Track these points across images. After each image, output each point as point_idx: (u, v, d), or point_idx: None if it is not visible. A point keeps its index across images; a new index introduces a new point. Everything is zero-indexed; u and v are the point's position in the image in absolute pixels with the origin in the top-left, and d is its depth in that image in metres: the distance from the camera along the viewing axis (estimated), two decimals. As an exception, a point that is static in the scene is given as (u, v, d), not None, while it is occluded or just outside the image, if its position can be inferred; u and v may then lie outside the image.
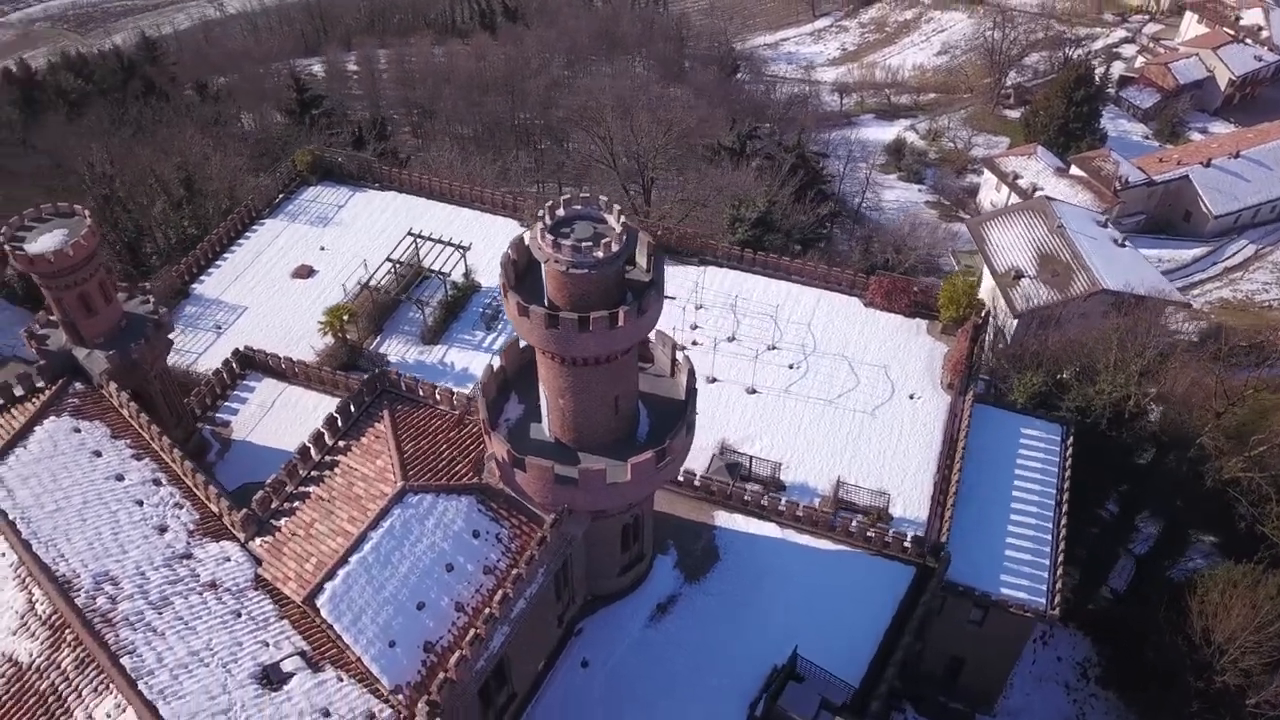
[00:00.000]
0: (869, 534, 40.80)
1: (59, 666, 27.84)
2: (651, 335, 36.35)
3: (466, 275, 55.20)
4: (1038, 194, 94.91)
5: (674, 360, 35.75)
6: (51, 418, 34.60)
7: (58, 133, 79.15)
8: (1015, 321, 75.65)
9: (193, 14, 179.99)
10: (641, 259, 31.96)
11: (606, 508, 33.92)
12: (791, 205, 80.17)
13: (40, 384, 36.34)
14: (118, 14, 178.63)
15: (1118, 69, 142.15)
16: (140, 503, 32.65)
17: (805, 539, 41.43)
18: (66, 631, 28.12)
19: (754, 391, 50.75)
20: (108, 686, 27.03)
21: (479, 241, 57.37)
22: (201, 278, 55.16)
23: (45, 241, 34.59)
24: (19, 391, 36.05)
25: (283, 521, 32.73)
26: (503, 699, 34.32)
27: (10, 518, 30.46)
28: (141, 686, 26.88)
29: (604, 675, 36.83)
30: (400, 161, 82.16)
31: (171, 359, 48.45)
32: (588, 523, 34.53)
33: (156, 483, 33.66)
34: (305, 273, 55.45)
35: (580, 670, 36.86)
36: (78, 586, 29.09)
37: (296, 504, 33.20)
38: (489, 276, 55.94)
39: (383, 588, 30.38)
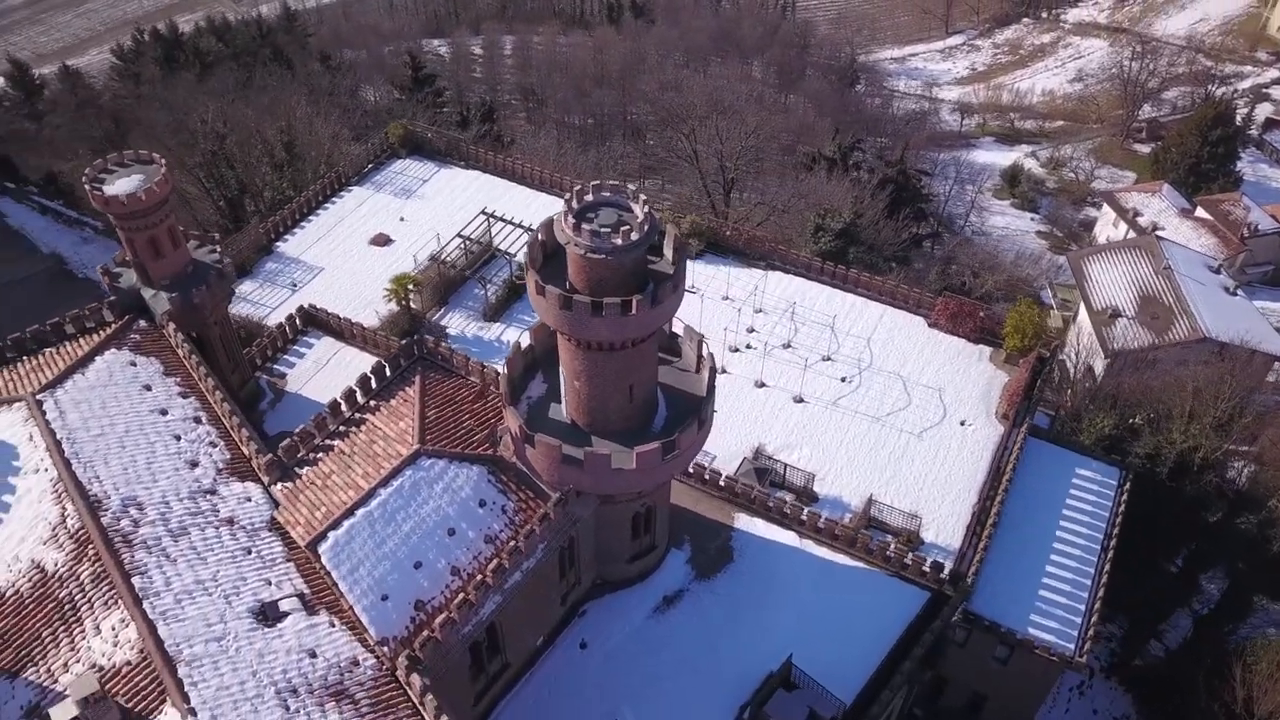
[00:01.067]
0: (889, 554, 40.17)
1: (77, 578, 29.86)
2: (679, 329, 36.72)
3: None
4: (1156, 233, 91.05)
5: (699, 356, 35.92)
6: (112, 350, 36.98)
7: (187, 91, 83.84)
8: (1106, 361, 73.02)
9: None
10: (668, 252, 32.28)
11: (611, 493, 34.40)
12: (883, 220, 79.12)
13: (109, 319, 38.79)
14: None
15: (1264, 111, 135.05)
16: (178, 437, 34.64)
17: (823, 551, 41.08)
18: (89, 547, 30.12)
19: (801, 400, 50.43)
20: (116, 602, 28.87)
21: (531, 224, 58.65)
22: (286, 236, 57.77)
23: (121, 185, 36.97)
24: (90, 324, 38.58)
25: (305, 470, 34.27)
26: (495, 667, 35.14)
27: (57, 437, 32.72)
28: (146, 606, 28.62)
29: (600, 659, 37.32)
30: (503, 145, 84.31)
31: (245, 310, 51.32)
32: (594, 505, 35.06)
33: (197, 420, 35.65)
34: (382, 241, 57.47)
35: (578, 651, 37.43)
36: (106, 507, 31.10)
37: (320, 455, 34.70)
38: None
39: (383, 543, 31.54)
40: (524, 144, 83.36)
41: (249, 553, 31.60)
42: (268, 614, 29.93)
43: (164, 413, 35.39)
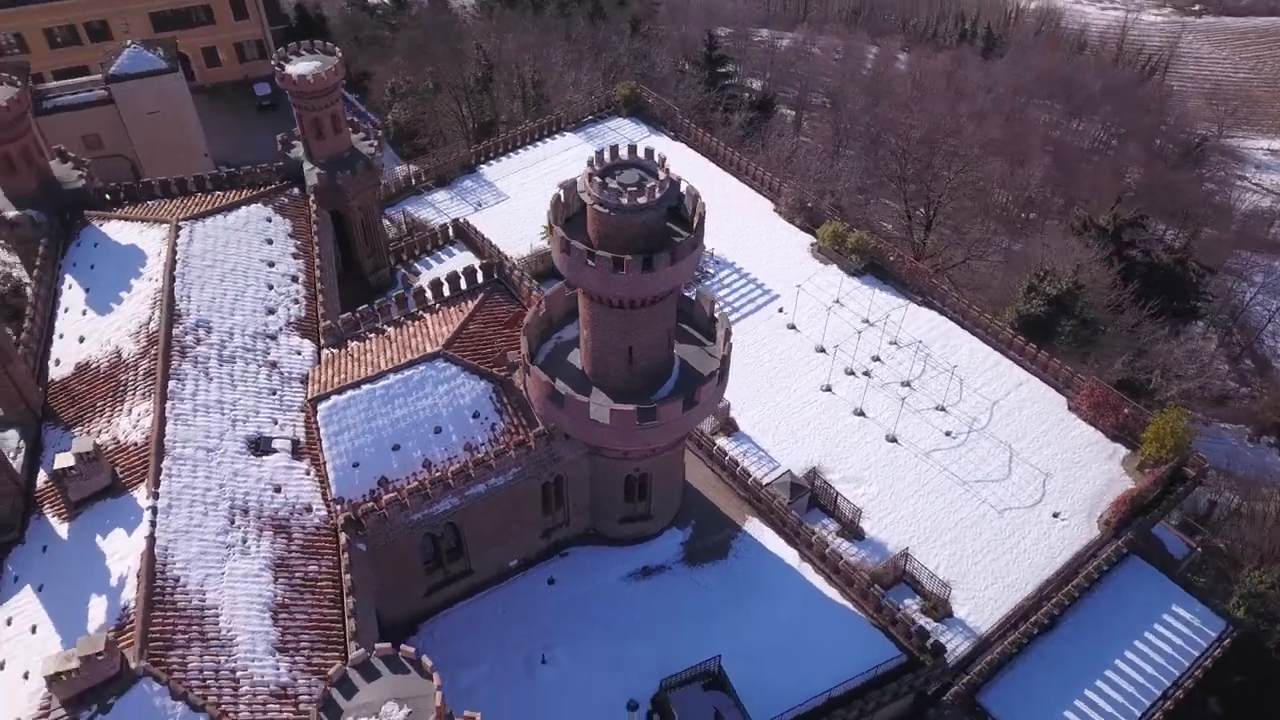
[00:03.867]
0: (881, 604, 38.43)
1: (136, 368, 35.85)
2: (716, 314, 37.15)
3: (693, 234, 57.66)
4: None
5: (725, 342, 36.26)
6: (259, 204, 43.19)
7: (501, 23, 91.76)
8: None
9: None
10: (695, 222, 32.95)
11: (590, 442, 35.73)
12: (1124, 301, 71.78)
13: (276, 182, 45.12)
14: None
15: None
16: (271, 286, 40.08)
17: (817, 579, 39.98)
18: (154, 348, 35.98)
19: (893, 440, 48.64)
20: (149, 395, 34.44)
21: (719, 208, 59.51)
22: (491, 162, 63.06)
23: (301, 66, 42.83)
24: (260, 181, 45.10)
25: (353, 343, 38.49)
26: (457, 569, 37.80)
27: (176, 257, 39.03)
28: (167, 405, 33.93)
29: (562, 599, 38.93)
30: (755, 135, 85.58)
31: (426, 214, 56.96)
32: (580, 452, 36.55)
33: (294, 279, 40.97)
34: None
35: (545, 584, 39.24)
36: (181, 321, 36.89)
37: (371, 335, 38.79)
38: (712, 241, 58.09)
39: (374, 419, 35.02)
40: (772, 140, 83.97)
41: (273, 394, 36.24)
42: (260, 446, 34.38)
43: (271, 265, 40.96)
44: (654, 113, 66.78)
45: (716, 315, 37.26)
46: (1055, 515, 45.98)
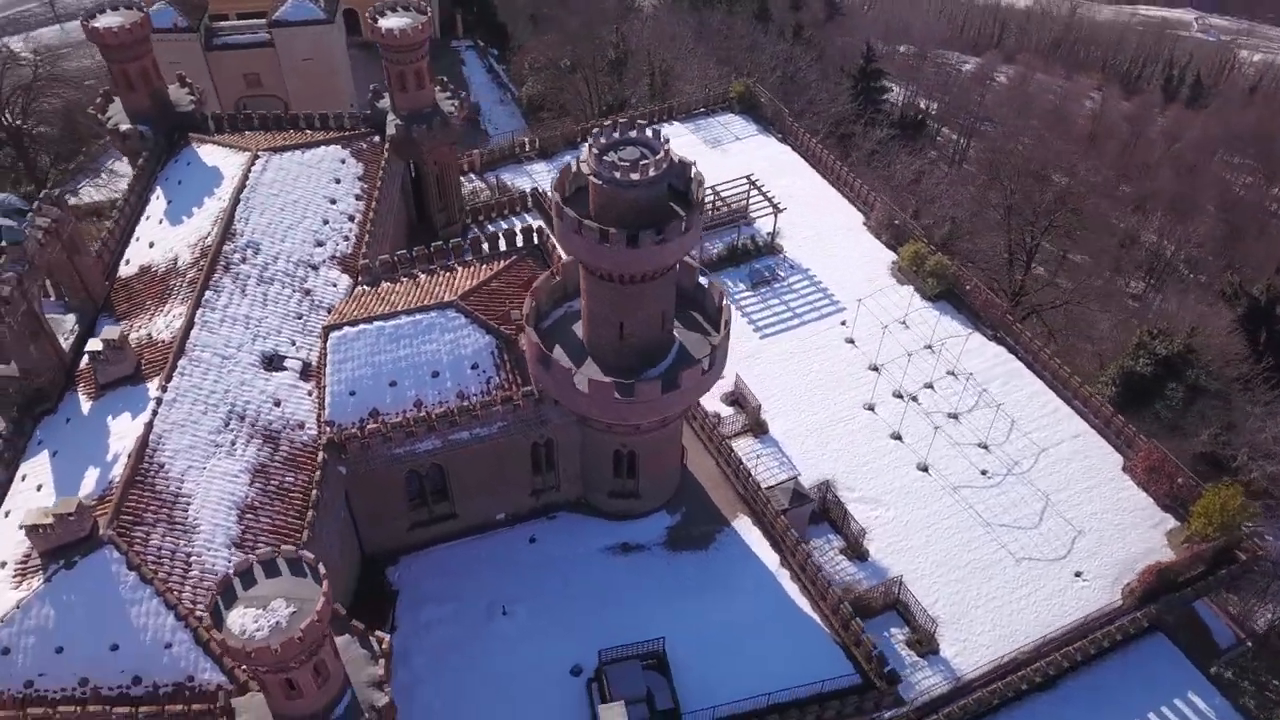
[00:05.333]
0: (850, 622, 37.67)
1: (184, 276, 39.24)
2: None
3: (772, 235, 57.63)
4: None
5: (722, 333, 36.43)
6: (337, 146, 46.16)
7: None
8: None
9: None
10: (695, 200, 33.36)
11: (572, 409, 36.60)
12: (1254, 377, 66.25)
13: (360, 128, 48.05)
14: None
15: None
16: (326, 222, 42.86)
17: (792, 587, 39.52)
18: (203, 260, 39.26)
19: (924, 469, 47.28)
20: (186, 301, 37.65)
21: (808, 215, 59.30)
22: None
23: (392, 21, 45.46)
24: (348, 126, 48.14)
25: (385, 284, 40.75)
26: (442, 510, 39.53)
27: (246, 183, 42.29)
28: (198, 313, 37.01)
29: (538, 558, 40.11)
30: (888, 156, 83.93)
31: (522, 180, 59.09)
32: (567, 418, 37.50)
33: (350, 218, 43.65)
34: (665, 174, 61.95)
35: (526, 541, 40.48)
36: (233, 240, 40.04)
37: (404, 278, 40.93)
38: (792, 245, 57.90)
39: (377, 354, 37.08)
40: (904, 159, 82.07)
41: (299, 319, 38.89)
42: (272, 362, 37.05)
43: (333, 202, 43.78)
44: (765, 112, 66.69)
45: (722, 306, 37.29)
46: (1077, 574, 43.67)
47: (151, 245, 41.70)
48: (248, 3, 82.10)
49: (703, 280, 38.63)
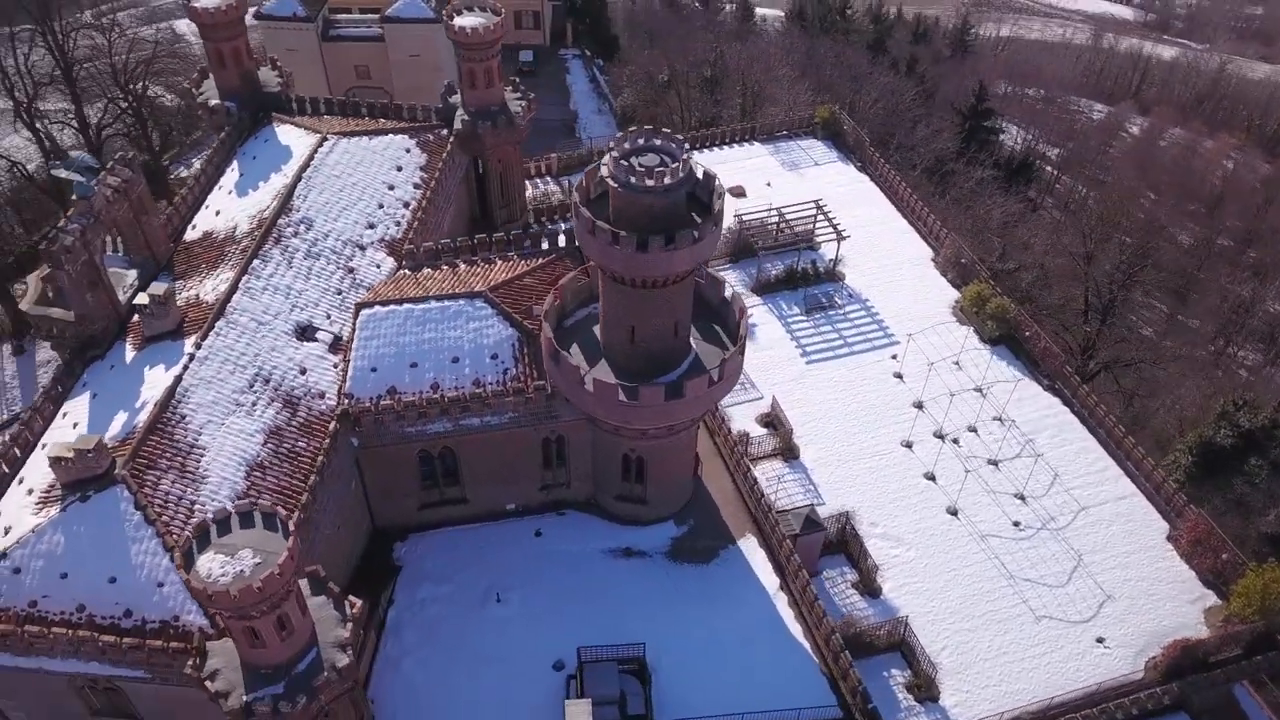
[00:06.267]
0: (840, 654, 36.96)
1: (239, 244, 41.42)
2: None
3: (833, 262, 57.09)
4: None
5: (735, 348, 36.44)
6: (404, 136, 48.04)
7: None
8: None
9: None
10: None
11: (580, 407, 37.00)
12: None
13: (431, 120, 49.87)
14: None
15: None
16: (381, 206, 44.60)
17: (786, 612, 39.01)
18: (257, 231, 41.37)
19: (953, 513, 46.05)
20: (234, 267, 39.74)
21: (875, 245, 58.63)
22: (674, 155, 65.14)
23: (467, 20, 47.08)
24: (420, 118, 50.03)
25: (425, 270, 42.13)
26: (453, 493, 40.54)
27: (311, 163, 44.38)
28: (243, 279, 39.04)
29: (541, 552, 40.66)
30: (985, 196, 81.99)
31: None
32: (577, 416, 37.99)
33: (405, 205, 45.29)
34: (739, 192, 62.17)
35: (532, 534, 41.11)
36: (288, 214, 42.07)
37: (444, 265, 42.25)
38: (854, 274, 57.24)
39: (403, 334, 38.38)
40: (997, 200, 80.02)
41: (338, 294, 40.57)
42: (305, 332, 38.75)
43: (391, 188, 45.52)
44: (847, 140, 66.11)
45: (740, 321, 37.27)
46: (1099, 640, 41.76)
47: (218, 213, 44.12)
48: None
49: (727, 294, 38.63)
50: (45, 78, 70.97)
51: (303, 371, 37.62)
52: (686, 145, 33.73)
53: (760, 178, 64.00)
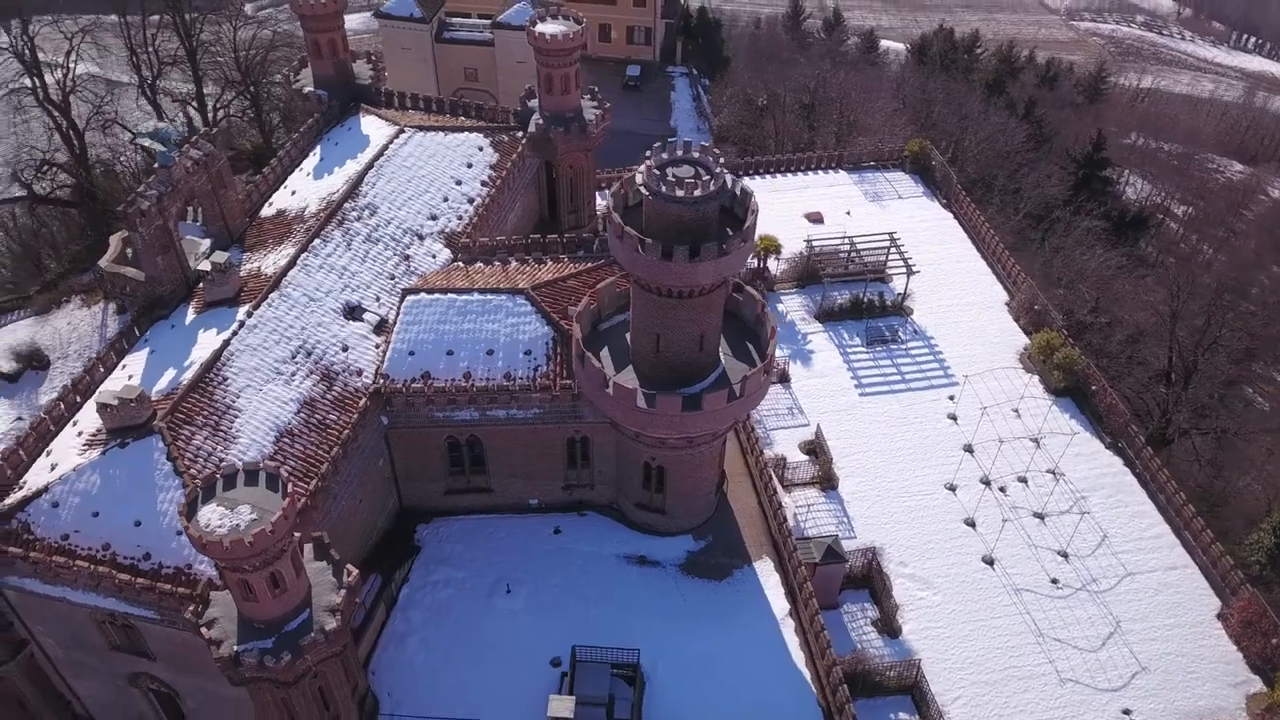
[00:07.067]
0: (839, 687, 36.24)
1: (305, 223, 43.41)
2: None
3: (901, 296, 56.20)
4: None
5: (761, 365, 36.38)
6: (480, 134, 49.55)
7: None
8: None
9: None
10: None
11: (604, 410, 37.33)
12: None
13: (509, 122, 51.31)
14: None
15: None
16: (445, 199, 46.06)
17: (792, 639, 38.46)
18: (323, 213, 43.28)
19: (988, 562, 44.75)
20: (297, 244, 41.62)
21: (950, 284, 57.54)
22: (758, 175, 65.40)
23: (549, 27, 48.31)
24: (500, 120, 51.51)
25: (478, 264, 43.34)
26: (478, 483, 41.50)
27: (384, 153, 46.20)
28: (301, 256, 40.85)
29: (557, 548, 41.15)
30: (1081, 247, 79.27)
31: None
32: (600, 418, 38.39)
33: (470, 201, 46.66)
34: (815, 218, 61.88)
35: (551, 531, 41.67)
36: (354, 199, 43.85)
37: (498, 262, 43.37)
38: (922, 310, 56.21)
39: (443, 322, 39.56)
40: (1094, 249, 77.08)
41: (391, 279, 42.04)
42: (353, 312, 40.33)
43: (459, 183, 46.99)
44: (935, 175, 64.95)
45: (771, 340, 37.16)
46: (1126, 712, 39.97)
47: (293, 193, 46.34)
48: (484, 4, 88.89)
49: (761, 313, 38.51)
50: (170, 58, 75.81)
51: (345, 349, 39.12)
52: (722, 161, 33.94)
53: (841, 206, 63.48)
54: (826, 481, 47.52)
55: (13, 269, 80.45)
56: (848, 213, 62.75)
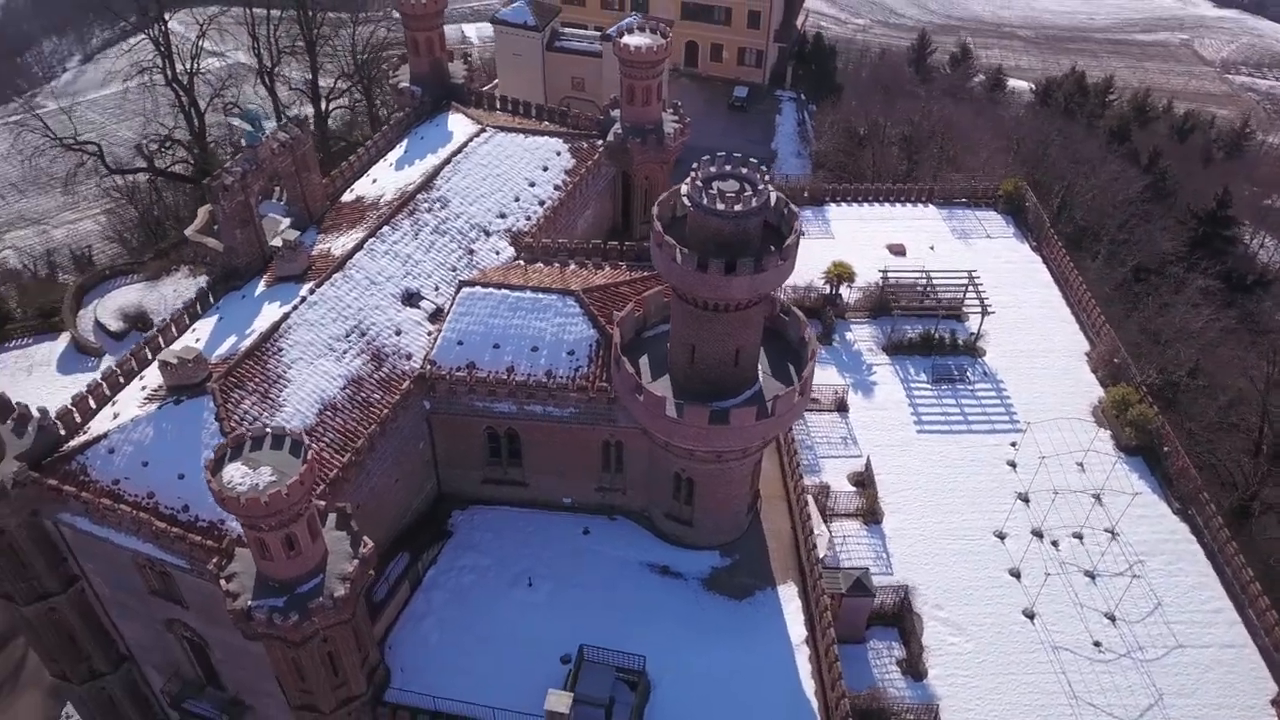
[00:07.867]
0: (847, 718, 35.64)
1: (379, 210, 45.14)
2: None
3: (974, 336, 54.89)
4: None
5: (797, 384, 36.20)
6: (560, 140, 50.71)
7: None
8: None
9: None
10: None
11: (636, 417, 37.47)
12: None
13: (591, 129, 52.37)
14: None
15: None
16: (517, 199, 47.28)
17: (804, 667, 37.85)
18: (395, 203, 44.95)
19: (1029, 615, 43.31)
20: (365, 229, 43.39)
21: (1029, 329, 56.02)
22: (846, 203, 64.88)
23: (635, 39, 49.18)
24: (583, 128, 52.62)
25: (539, 264, 44.32)
26: (514, 475, 42.33)
27: (463, 150, 47.77)
28: (369, 242, 42.55)
29: (582, 548, 41.54)
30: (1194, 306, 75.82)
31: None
32: (634, 425, 38.65)
33: (541, 202, 47.78)
34: (897, 250, 60.97)
35: (580, 532, 42.13)
36: (427, 192, 45.43)
37: (557, 263, 44.26)
38: (996, 353, 54.79)
39: (493, 316, 40.59)
40: (1202, 311, 73.52)
41: (453, 270, 43.38)
42: (411, 299, 41.76)
43: (532, 185, 48.18)
44: (1027, 217, 63.18)
45: (809, 363, 36.88)
46: (1153, 786, 37.91)
47: (374, 181, 48.26)
48: (600, 17, 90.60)
49: (805, 335, 38.24)
50: (289, 47, 79.81)
51: (398, 333, 40.50)
52: (769, 178, 34.01)
53: (925, 240, 62.34)
54: (870, 515, 46.71)
55: (138, 237, 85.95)
56: (931, 247, 61.56)
